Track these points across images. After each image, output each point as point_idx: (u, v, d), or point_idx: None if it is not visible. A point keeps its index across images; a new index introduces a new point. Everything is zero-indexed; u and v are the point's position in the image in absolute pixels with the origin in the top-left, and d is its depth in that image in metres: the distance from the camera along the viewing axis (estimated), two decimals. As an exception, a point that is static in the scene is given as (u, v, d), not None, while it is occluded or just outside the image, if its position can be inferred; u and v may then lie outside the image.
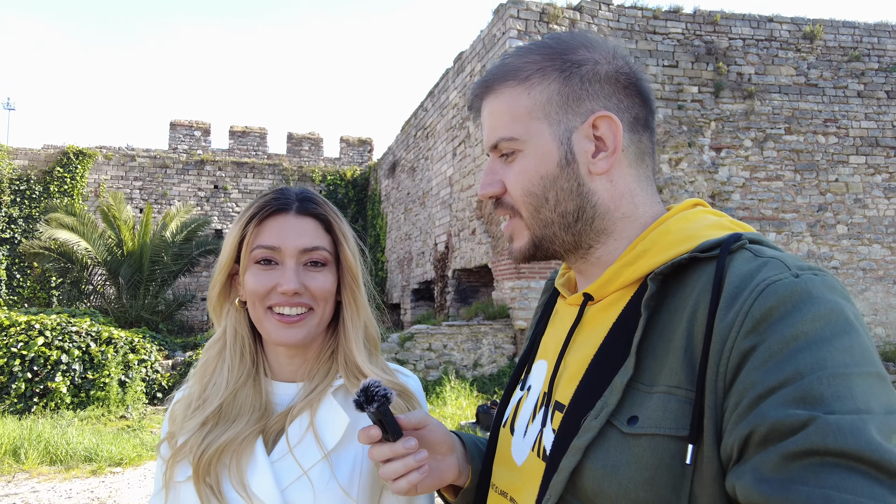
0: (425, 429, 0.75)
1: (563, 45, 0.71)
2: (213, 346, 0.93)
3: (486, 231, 9.81)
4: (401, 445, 0.69)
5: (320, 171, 17.84)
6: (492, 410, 6.16)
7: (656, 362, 0.59)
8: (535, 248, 0.73)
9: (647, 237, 0.67)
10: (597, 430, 0.58)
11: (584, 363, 0.66)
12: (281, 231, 0.87)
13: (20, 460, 4.91)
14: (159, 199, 16.38)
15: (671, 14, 9.80)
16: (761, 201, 9.65)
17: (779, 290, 0.53)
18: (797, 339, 0.50)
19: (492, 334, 8.86)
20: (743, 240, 0.61)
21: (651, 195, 0.72)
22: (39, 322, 7.27)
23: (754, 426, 0.49)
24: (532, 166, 0.70)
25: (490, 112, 0.73)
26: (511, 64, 0.72)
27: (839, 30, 10.27)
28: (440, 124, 11.96)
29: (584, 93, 0.69)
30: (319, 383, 0.90)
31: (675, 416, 0.55)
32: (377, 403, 0.68)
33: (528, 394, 0.76)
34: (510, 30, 8.92)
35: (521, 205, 0.71)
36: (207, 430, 0.85)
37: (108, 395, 7.06)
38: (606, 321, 0.67)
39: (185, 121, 17.91)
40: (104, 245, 11.78)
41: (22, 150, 15.27)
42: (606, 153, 0.69)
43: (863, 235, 9.81)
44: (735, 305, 0.54)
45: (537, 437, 0.69)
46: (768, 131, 9.77)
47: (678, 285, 0.62)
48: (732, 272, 0.57)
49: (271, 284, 0.86)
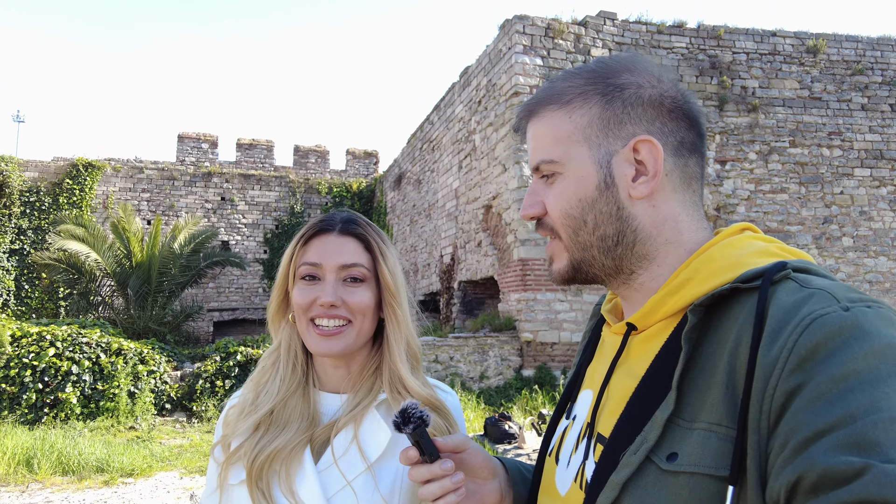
0: (465, 452, 0.76)
1: (606, 68, 0.71)
2: (268, 356, 0.99)
3: (491, 243, 9.87)
4: (437, 467, 0.70)
5: (326, 184, 17.97)
6: (500, 423, 6.16)
7: (698, 397, 0.57)
8: (575, 270, 0.73)
9: (691, 265, 0.65)
10: (635, 465, 0.57)
11: (626, 396, 0.65)
12: (323, 249, 0.94)
13: (33, 470, 4.95)
14: (167, 211, 16.50)
15: (675, 29, 9.91)
16: (766, 214, 9.69)
17: (826, 324, 0.50)
18: (848, 379, 0.47)
19: (498, 346, 8.87)
20: (787, 268, 0.58)
21: (697, 220, 0.70)
22: (51, 333, 7.33)
23: (802, 472, 0.46)
24: (571, 189, 0.70)
25: (533, 134, 0.74)
26: (555, 88, 0.73)
27: (842, 44, 10.36)
28: (446, 137, 12.07)
29: (626, 116, 0.68)
30: (364, 398, 0.94)
31: (715, 454, 0.53)
32: (413, 425, 0.69)
33: (573, 423, 0.76)
34: (516, 45, 9.03)
35: (560, 227, 0.71)
36: (260, 435, 0.91)
37: (118, 406, 7.11)
38: (649, 353, 0.66)
39: (192, 133, 18.09)
40: (113, 256, 11.87)
41: (32, 162, 15.44)
42: (647, 177, 0.68)
43: (868, 248, 9.82)
44: (779, 341, 0.52)
45: (580, 469, 0.69)
46: (773, 144, 9.83)
47: (720, 317, 0.60)
48: (776, 304, 0.55)
49: (312, 297, 0.92)
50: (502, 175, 9.35)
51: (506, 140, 9.23)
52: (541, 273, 8.76)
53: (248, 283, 17.03)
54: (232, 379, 7.77)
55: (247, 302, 17.04)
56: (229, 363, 7.83)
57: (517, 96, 8.99)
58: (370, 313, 0.95)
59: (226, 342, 8.45)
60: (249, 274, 16.87)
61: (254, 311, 16.96)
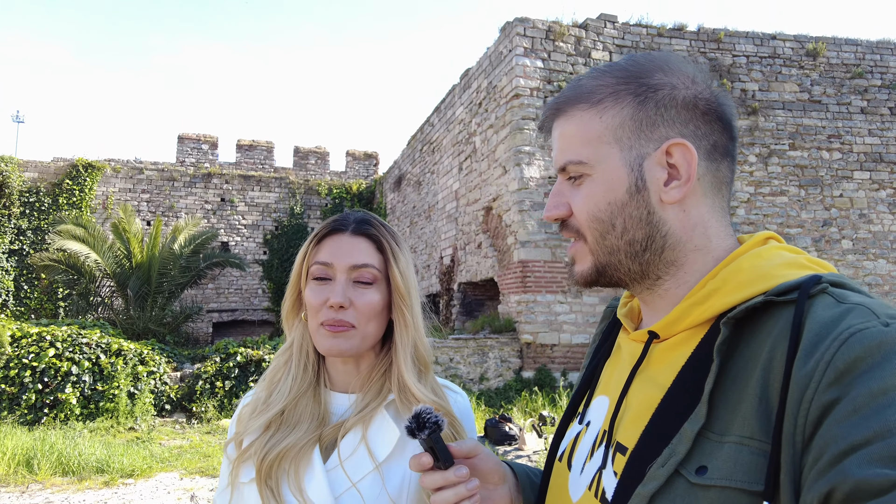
0: (476, 458, 0.75)
1: (639, 67, 0.69)
2: (281, 355, 1.00)
3: (491, 245, 9.88)
4: (452, 474, 0.68)
5: (326, 185, 17.97)
6: (500, 425, 6.16)
7: (728, 411, 0.56)
8: (598, 274, 0.71)
9: (718, 275, 0.64)
10: (664, 478, 0.56)
11: (650, 406, 0.63)
12: (335, 249, 0.94)
13: (33, 471, 4.94)
14: (167, 212, 16.50)
15: (676, 32, 9.94)
16: (766, 216, 9.71)
17: (865, 339, 0.50)
18: (886, 394, 0.46)
19: (498, 348, 8.88)
20: (824, 283, 0.57)
21: (725, 227, 0.69)
22: (50, 334, 7.33)
23: (836, 484, 0.45)
24: (600, 191, 0.68)
25: (560, 134, 0.71)
26: (584, 86, 0.70)
27: (842, 47, 10.39)
28: (446, 139, 12.08)
29: (660, 118, 0.66)
30: (372, 400, 0.94)
31: (747, 468, 0.52)
32: (428, 430, 0.67)
33: (587, 429, 0.74)
34: (517, 47, 9.05)
35: (587, 230, 0.69)
36: (270, 434, 0.91)
37: (118, 407, 7.10)
38: (674, 363, 0.64)
39: (192, 134, 18.09)
40: (113, 257, 11.86)
41: (32, 162, 15.44)
42: (679, 182, 0.66)
43: (868, 251, 9.84)
44: (815, 354, 0.51)
45: (595, 477, 0.67)
46: (773, 147, 9.85)
47: (752, 329, 0.59)
48: (812, 318, 0.54)
49: (324, 298, 0.92)
50: (503, 177, 9.36)
51: (506, 142, 9.25)
52: (541, 275, 8.77)
53: (247, 284, 17.02)
54: (232, 380, 7.76)
55: (246, 303, 17.03)
56: (229, 364, 7.82)
57: (518, 98, 9.01)
58: (378, 315, 0.95)
59: (225, 343, 8.45)
60: (249, 275, 16.86)
61: (253, 312, 16.95)
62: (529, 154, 8.93)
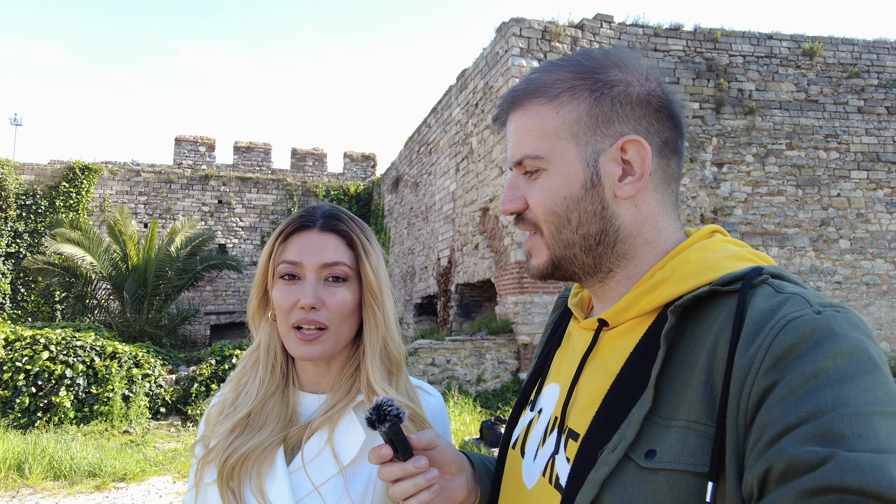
0: (435, 449, 0.75)
1: (595, 63, 0.70)
2: (249, 356, 0.97)
3: (489, 246, 9.85)
4: (411, 465, 0.68)
5: (324, 186, 17.95)
6: (496, 426, 6.14)
7: (675, 396, 0.58)
8: (554, 267, 0.72)
9: (666, 266, 0.66)
10: (614, 463, 0.57)
11: (599, 392, 0.65)
12: (303, 246, 0.90)
13: (24, 475, 4.91)
14: (164, 214, 16.47)
15: (672, 32, 9.92)
16: (763, 216, 9.68)
17: (800, 326, 0.52)
18: (818, 377, 0.49)
19: (495, 349, 8.85)
20: (765, 274, 0.60)
21: (674, 220, 0.71)
22: (44, 336, 7.29)
23: (772, 463, 0.48)
24: (556, 186, 0.69)
25: (517, 128, 0.72)
26: (540, 80, 0.71)
27: (838, 46, 10.37)
28: (443, 140, 12.06)
29: (615, 115, 0.67)
30: (341, 400, 0.91)
31: (694, 451, 0.54)
32: (389, 423, 0.67)
33: (539, 416, 0.75)
34: (513, 48, 9.03)
35: (543, 223, 0.70)
36: (234, 436, 0.88)
37: (112, 410, 7.06)
38: (622, 350, 0.66)
39: (189, 136, 18.07)
40: (109, 260, 11.83)
41: (28, 165, 15.41)
42: (633, 178, 0.68)
43: (866, 250, 9.82)
44: (756, 341, 0.54)
45: (548, 463, 0.68)
46: (769, 147, 9.83)
47: (697, 318, 0.61)
48: (753, 307, 0.56)
49: (294, 299, 0.88)
50: (499, 178, 9.34)
51: (502, 143, 9.22)
52: (538, 276, 8.74)
53: (245, 286, 16.98)
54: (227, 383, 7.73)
55: (244, 305, 16.91)
56: (224, 367, 7.79)
57: (514, 99, 8.98)
58: (351, 315, 0.92)
59: (221, 345, 8.41)
60: (246, 277, 16.83)
61: (251, 314, 16.89)
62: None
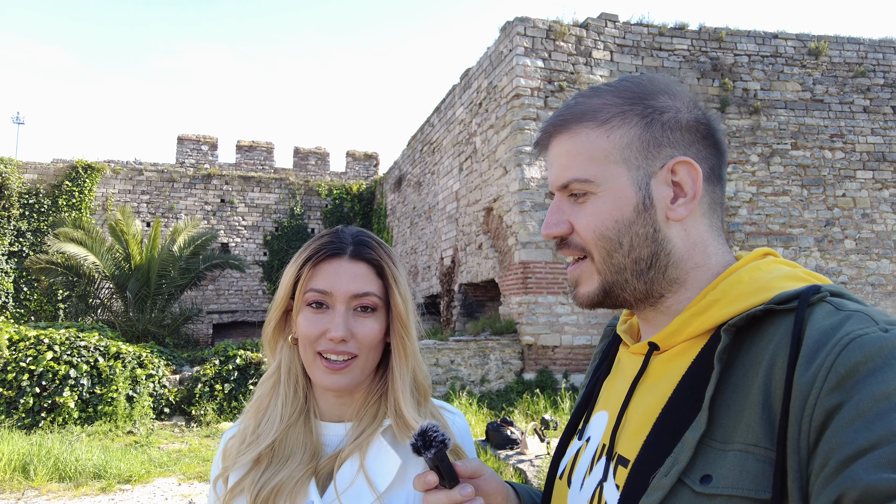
0: (480, 478, 0.73)
1: (644, 89, 0.70)
2: (266, 380, 0.94)
3: (492, 246, 9.82)
4: (457, 492, 0.67)
5: (326, 185, 17.93)
6: (502, 428, 6.12)
7: (730, 418, 0.56)
8: (605, 294, 0.70)
9: (718, 287, 0.65)
10: (667, 488, 0.55)
11: (650, 416, 0.63)
12: (334, 275, 0.88)
13: (29, 477, 4.89)
14: (166, 213, 16.46)
15: (677, 31, 9.88)
16: (768, 216, 9.65)
17: (866, 344, 0.50)
18: (889, 398, 0.47)
19: (499, 350, 8.82)
20: (823, 292, 0.58)
21: (722, 245, 0.71)
22: (48, 337, 7.28)
23: (844, 490, 0.45)
24: (607, 209, 0.68)
25: (564, 151, 0.71)
26: (588, 104, 0.71)
27: (844, 46, 10.32)
28: (447, 140, 12.03)
29: (665, 139, 0.68)
30: (368, 426, 0.89)
31: (754, 476, 0.52)
32: (435, 449, 0.66)
33: (587, 445, 0.74)
34: (517, 47, 8.99)
35: (594, 247, 0.69)
36: (263, 468, 0.86)
37: (116, 411, 7.05)
38: (674, 373, 0.64)
39: (192, 135, 18.05)
40: (112, 259, 11.82)
41: (31, 164, 15.40)
42: (685, 199, 0.68)
43: (871, 250, 9.78)
44: (817, 360, 0.51)
45: (595, 491, 0.67)
46: (775, 146, 9.79)
47: (752, 338, 0.59)
48: (813, 325, 0.54)
49: (322, 329, 0.86)
50: (503, 177, 9.31)
51: (507, 142, 9.19)
52: (542, 276, 8.71)
53: (247, 285, 16.98)
54: (231, 382, 7.71)
55: (246, 304, 16.99)
56: (228, 367, 7.78)
57: (518, 98, 8.95)
58: (379, 344, 0.90)
59: (225, 345, 8.40)
60: (249, 276, 16.83)
61: (253, 313, 16.91)
62: (530, 154, 8.87)
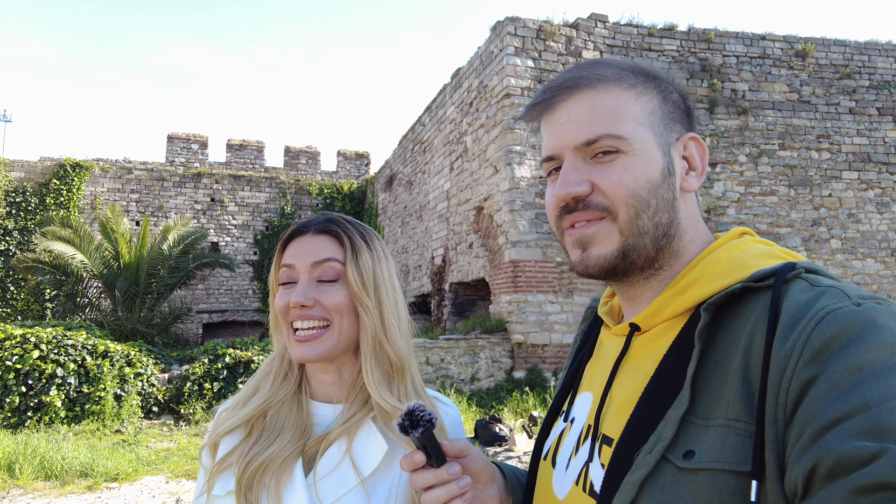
0: (467, 457, 0.74)
1: (652, 70, 0.74)
2: (267, 364, 0.97)
3: (483, 245, 9.85)
4: (444, 471, 0.67)
5: (317, 185, 17.89)
6: (491, 425, 6.14)
7: (711, 395, 0.57)
8: (622, 257, 0.68)
9: (697, 266, 0.66)
10: (651, 465, 0.56)
11: (633, 396, 0.64)
12: (297, 249, 0.91)
13: (14, 475, 4.85)
14: (156, 212, 16.36)
15: (666, 32, 9.95)
16: (756, 216, 9.74)
17: (839, 318, 0.52)
18: (862, 369, 0.48)
19: (489, 348, 8.85)
20: (798, 269, 0.60)
21: (704, 223, 0.74)
22: (35, 335, 7.21)
23: (819, 459, 0.46)
24: (640, 168, 0.67)
25: (589, 107, 0.69)
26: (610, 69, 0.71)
27: (830, 48, 10.44)
28: (438, 139, 12.04)
29: (676, 115, 0.72)
30: (359, 410, 0.90)
31: (734, 450, 0.53)
32: (422, 428, 0.66)
33: (572, 426, 0.75)
34: (508, 46, 9.02)
35: (622, 206, 0.67)
36: (253, 441, 0.87)
37: (104, 409, 7.00)
38: (656, 352, 0.65)
39: (182, 134, 17.95)
40: (100, 257, 11.73)
41: (18, 162, 15.25)
42: (697, 172, 0.72)
43: (856, 250, 9.90)
44: (793, 334, 0.53)
45: (581, 471, 0.68)
46: (762, 147, 9.89)
47: (731, 315, 0.60)
48: (789, 301, 0.56)
49: (286, 301, 0.89)
50: (494, 177, 9.33)
51: (497, 141, 9.22)
52: (532, 275, 8.75)
53: (237, 284, 16.90)
54: (220, 381, 7.68)
55: (236, 304, 16.91)
56: (217, 365, 7.74)
57: (508, 98, 8.98)
58: (348, 313, 0.90)
59: (214, 344, 8.36)
60: (239, 275, 16.75)
61: (243, 312, 16.84)
62: (520, 154, 8.90)
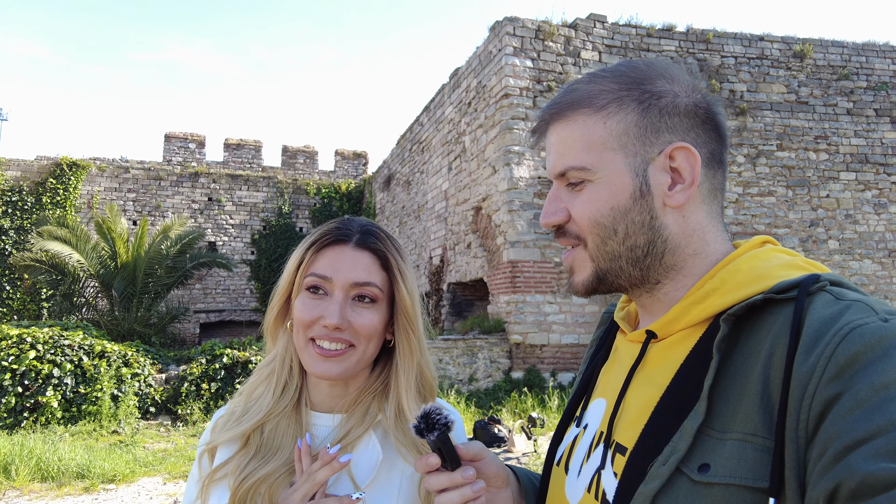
0: (482, 461, 0.74)
1: (641, 74, 0.69)
2: (265, 367, 0.93)
3: (481, 245, 9.84)
4: (459, 475, 0.67)
5: (315, 184, 17.85)
6: (489, 426, 6.13)
7: (728, 408, 0.56)
8: (599, 281, 0.70)
9: (717, 275, 0.64)
10: (665, 477, 0.55)
11: (648, 405, 0.63)
12: (336, 261, 0.86)
13: (10, 477, 4.82)
14: (153, 211, 16.30)
15: (665, 32, 9.95)
16: (754, 217, 9.75)
17: (865, 334, 0.50)
18: (888, 388, 0.46)
19: (487, 349, 8.84)
20: (822, 281, 0.58)
21: (721, 232, 0.70)
22: (31, 335, 7.18)
23: (841, 480, 0.45)
24: (602, 197, 0.67)
25: (560, 139, 0.70)
26: (584, 90, 0.69)
27: (828, 49, 10.46)
28: (436, 139, 12.03)
29: (663, 125, 0.67)
30: (357, 425, 0.88)
31: (751, 465, 0.52)
32: (438, 431, 0.66)
33: (584, 432, 0.74)
34: (506, 46, 9.02)
35: (588, 234, 0.68)
36: (250, 455, 0.85)
37: (101, 410, 6.97)
38: (672, 361, 0.64)
39: (179, 133, 17.89)
40: (97, 257, 11.68)
41: (14, 161, 15.18)
42: (684, 185, 0.67)
43: (854, 251, 9.92)
44: (816, 349, 0.51)
45: (593, 478, 0.67)
46: (760, 147, 9.90)
47: (751, 327, 0.59)
48: (812, 315, 0.54)
49: (317, 315, 0.84)
50: (492, 177, 9.33)
51: (496, 142, 9.21)
52: (530, 275, 8.74)
53: (235, 284, 16.86)
54: (217, 382, 7.65)
55: (234, 303, 16.87)
56: (215, 366, 7.72)
57: (507, 98, 8.97)
58: (376, 337, 0.88)
59: (211, 344, 8.33)
60: (236, 275, 16.71)
61: (241, 312, 16.80)
62: (519, 154, 8.89)
